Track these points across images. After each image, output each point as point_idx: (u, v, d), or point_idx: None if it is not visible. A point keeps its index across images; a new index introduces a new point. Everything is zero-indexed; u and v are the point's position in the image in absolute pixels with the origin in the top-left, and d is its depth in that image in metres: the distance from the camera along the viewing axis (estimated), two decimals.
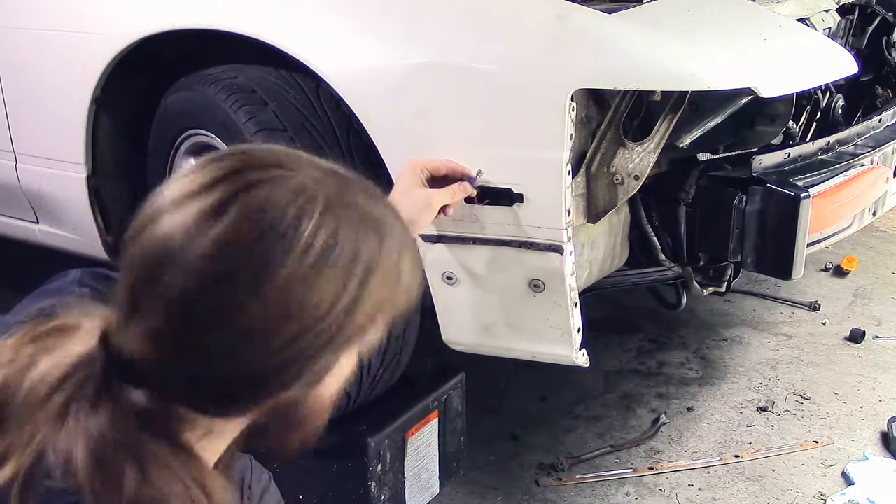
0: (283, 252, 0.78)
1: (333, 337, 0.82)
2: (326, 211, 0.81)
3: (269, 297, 0.78)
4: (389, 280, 0.86)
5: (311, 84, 1.74)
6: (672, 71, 1.44)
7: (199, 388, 0.81)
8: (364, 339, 0.88)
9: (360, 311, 0.83)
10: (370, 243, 0.83)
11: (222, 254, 0.77)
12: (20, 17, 2.15)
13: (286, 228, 0.78)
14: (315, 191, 0.82)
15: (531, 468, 2.22)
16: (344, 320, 0.82)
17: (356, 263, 0.82)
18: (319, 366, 0.85)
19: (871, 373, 2.64)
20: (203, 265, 0.77)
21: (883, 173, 1.93)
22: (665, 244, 1.78)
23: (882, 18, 2.36)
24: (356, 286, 0.82)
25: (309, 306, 0.79)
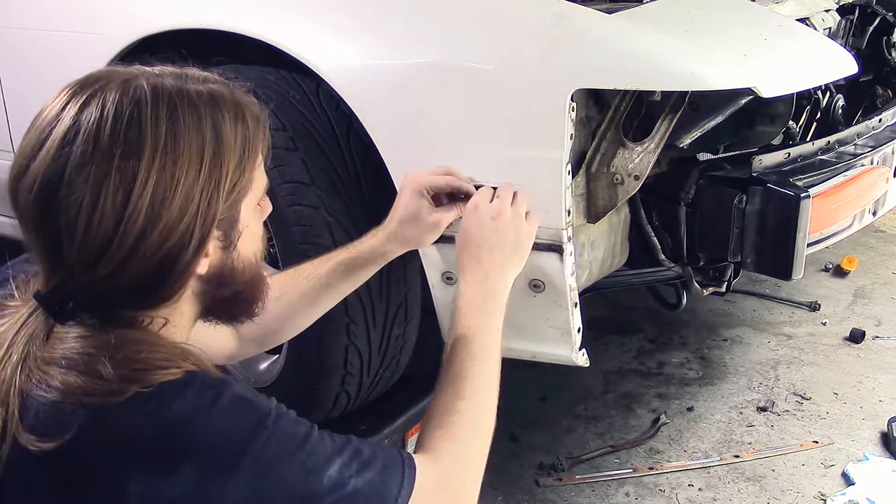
0: (139, 145, 0.90)
1: (215, 193, 0.94)
2: (156, 101, 0.94)
3: (144, 185, 0.89)
4: (239, 130, 0.97)
5: (311, 84, 1.74)
6: (672, 71, 1.44)
7: (126, 287, 0.92)
8: (249, 185, 1.00)
9: (226, 163, 0.95)
10: (207, 111, 0.96)
11: (93, 170, 0.89)
12: (20, 16, 2.15)
13: (130, 124, 0.90)
14: (139, 84, 0.95)
15: (531, 468, 2.22)
16: (216, 175, 0.94)
17: (204, 132, 0.94)
18: (224, 222, 0.97)
19: (871, 373, 2.64)
20: (81, 186, 0.89)
21: (883, 173, 1.93)
22: (665, 244, 1.78)
23: (882, 18, 2.36)
24: (213, 147, 0.94)
25: (181, 178, 0.91)
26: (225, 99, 0.99)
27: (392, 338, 1.81)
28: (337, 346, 1.72)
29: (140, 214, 0.89)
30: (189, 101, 0.95)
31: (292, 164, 1.69)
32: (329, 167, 1.71)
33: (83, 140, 0.90)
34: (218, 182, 0.94)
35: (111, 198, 0.89)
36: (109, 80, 0.95)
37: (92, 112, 0.91)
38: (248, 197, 1.00)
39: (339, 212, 1.70)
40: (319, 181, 1.69)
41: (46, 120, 0.94)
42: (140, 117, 0.91)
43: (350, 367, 1.77)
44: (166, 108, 0.93)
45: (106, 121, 0.90)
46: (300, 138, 1.70)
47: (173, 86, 0.97)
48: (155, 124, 0.91)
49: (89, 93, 0.93)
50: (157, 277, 0.93)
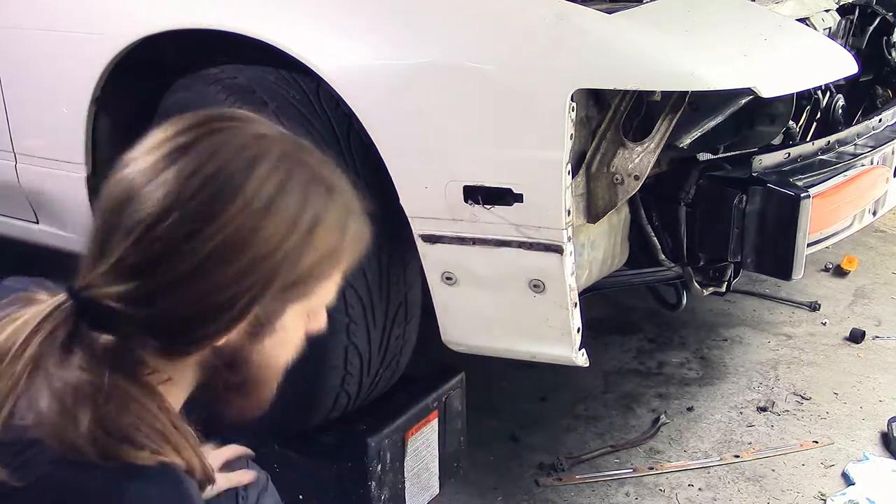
0: (235, 189, 0.86)
1: (278, 277, 0.89)
2: (280, 159, 0.90)
3: (220, 229, 0.85)
4: (335, 234, 0.93)
5: (311, 84, 1.74)
6: (672, 71, 1.44)
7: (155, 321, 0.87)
8: (310, 293, 0.94)
9: (304, 257, 0.90)
10: (319, 196, 0.91)
11: (179, 186, 0.85)
12: (20, 17, 2.15)
13: (241, 167, 0.87)
14: (272, 140, 0.91)
15: (531, 468, 2.22)
16: (289, 262, 0.89)
17: (305, 210, 0.89)
18: (265, 310, 0.91)
19: (871, 373, 2.64)
20: (161, 196, 0.85)
21: (883, 173, 1.93)
22: (665, 244, 1.78)
23: (882, 18, 2.36)
24: (303, 231, 0.89)
25: (257, 242, 0.86)
26: (339, 197, 0.95)
27: (392, 338, 1.81)
28: (337, 346, 1.73)
29: (193, 258, 0.85)
30: (307, 178, 0.91)
31: None
32: None
33: (184, 163, 0.86)
34: (287, 269, 0.89)
35: (176, 224, 0.85)
36: (240, 124, 0.92)
37: (206, 148, 0.87)
38: (301, 302, 0.94)
39: None
40: None
41: (161, 136, 0.90)
42: (253, 168, 0.87)
43: (350, 367, 1.77)
44: (283, 171, 0.89)
45: (216, 159, 0.87)
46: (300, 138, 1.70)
47: (300, 157, 0.93)
48: (262, 181, 0.87)
49: (213, 127, 0.90)
50: (186, 326, 0.88)
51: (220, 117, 0.92)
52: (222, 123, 0.90)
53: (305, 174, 0.92)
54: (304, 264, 0.90)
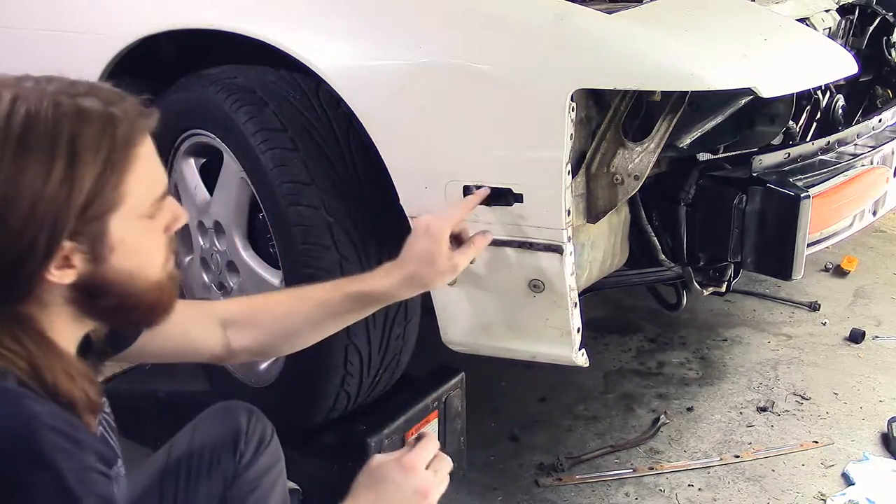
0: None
1: (63, 208, 0.93)
2: (16, 102, 0.94)
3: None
4: (102, 145, 0.95)
5: (311, 84, 1.74)
6: (672, 71, 1.44)
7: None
8: (118, 200, 0.97)
9: (81, 179, 0.94)
10: (67, 120, 0.95)
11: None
12: (20, 17, 2.15)
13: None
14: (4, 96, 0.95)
15: (531, 468, 2.22)
16: (66, 191, 0.93)
17: (57, 142, 0.93)
18: (86, 236, 0.96)
19: (871, 373, 2.64)
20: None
21: (883, 173, 1.93)
22: (665, 244, 1.78)
23: (882, 18, 2.36)
24: (64, 162, 0.93)
25: (22, 189, 0.91)
26: (92, 114, 0.97)
27: (392, 338, 1.81)
28: (337, 346, 1.73)
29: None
30: (49, 114, 0.94)
31: (292, 164, 1.69)
32: (329, 167, 1.71)
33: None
34: (69, 196, 0.93)
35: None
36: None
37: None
38: (118, 211, 0.98)
39: (339, 212, 1.70)
40: (319, 181, 1.69)
41: None
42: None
43: (350, 367, 1.77)
44: (21, 121, 0.93)
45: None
46: (300, 138, 1.70)
47: (37, 97, 0.96)
48: (3, 138, 0.92)
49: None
50: (4, 279, 0.94)
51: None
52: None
53: (46, 109, 0.94)
54: (86, 184, 0.94)
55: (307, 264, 1.71)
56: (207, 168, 1.95)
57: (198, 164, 1.97)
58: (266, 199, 1.74)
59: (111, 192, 0.96)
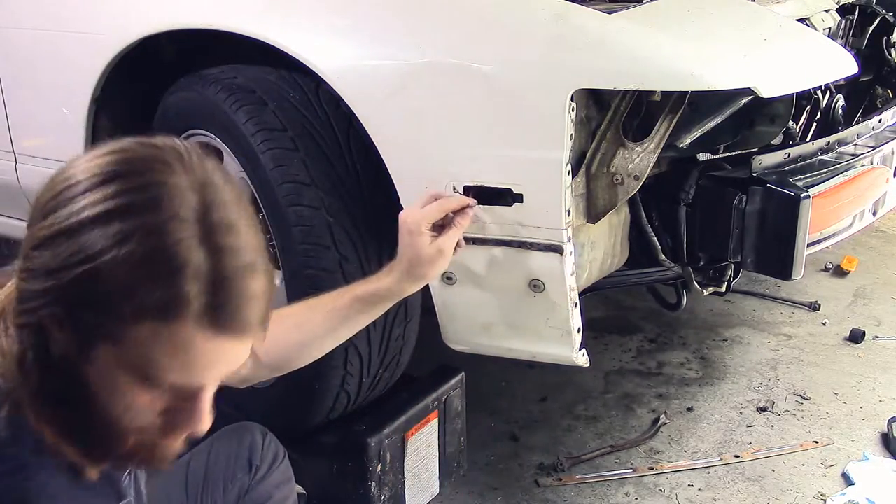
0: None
1: (76, 286, 0.86)
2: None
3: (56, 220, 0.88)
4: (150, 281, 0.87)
5: (311, 84, 1.74)
6: (672, 71, 1.44)
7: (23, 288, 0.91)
8: (118, 336, 0.88)
9: (108, 277, 0.86)
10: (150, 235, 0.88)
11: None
12: (20, 17, 2.15)
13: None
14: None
15: (531, 468, 2.22)
16: (91, 275, 0.86)
17: (131, 237, 0.86)
18: (82, 327, 0.89)
19: (871, 373, 2.64)
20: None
21: (883, 173, 1.93)
22: (665, 244, 1.78)
23: (882, 18, 2.36)
24: (150, 249, 0.86)
25: (77, 239, 0.86)
26: (208, 256, 0.88)
27: (392, 338, 1.81)
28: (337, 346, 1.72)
29: (41, 239, 0.89)
30: (176, 215, 0.88)
31: (293, 164, 1.69)
32: (329, 167, 1.71)
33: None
34: (86, 283, 0.86)
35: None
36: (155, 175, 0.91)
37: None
38: (116, 350, 0.88)
39: (339, 212, 1.70)
40: (320, 181, 1.69)
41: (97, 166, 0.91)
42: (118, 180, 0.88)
43: (350, 367, 1.77)
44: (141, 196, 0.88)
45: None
46: (300, 139, 1.70)
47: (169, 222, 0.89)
48: (115, 194, 0.88)
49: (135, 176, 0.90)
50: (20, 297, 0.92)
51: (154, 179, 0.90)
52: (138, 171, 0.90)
53: (186, 212, 0.88)
54: (101, 287, 0.86)
55: (307, 264, 1.71)
56: None
57: None
58: (266, 199, 1.74)
59: (113, 323, 0.88)
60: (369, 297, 1.43)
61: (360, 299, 1.42)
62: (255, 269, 0.92)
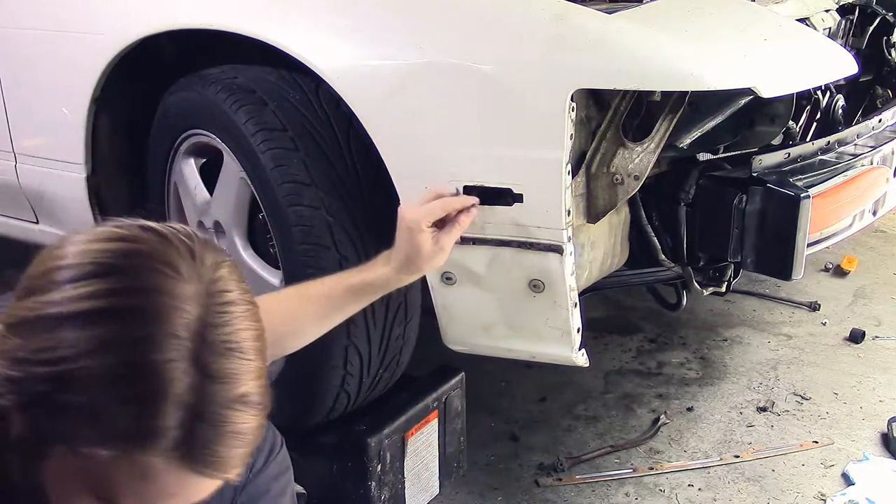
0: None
1: (35, 386, 0.77)
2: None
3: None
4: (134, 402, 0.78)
5: (311, 84, 1.74)
6: (672, 71, 1.44)
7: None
8: (82, 461, 0.78)
9: (62, 392, 0.77)
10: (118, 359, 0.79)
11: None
12: (20, 17, 2.15)
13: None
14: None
15: (531, 468, 2.22)
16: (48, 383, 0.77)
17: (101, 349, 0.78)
18: (32, 423, 0.79)
19: (871, 373, 2.64)
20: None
21: (883, 173, 1.92)
22: (665, 244, 1.78)
23: (882, 18, 2.36)
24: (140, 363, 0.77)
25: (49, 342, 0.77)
26: (193, 386, 0.79)
27: (392, 338, 1.81)
28: (337, 346, 1.73)
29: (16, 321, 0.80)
30: (169, 333, 0.78)
31: (292, 164, 1.69)
32: (329, 167, 1.71)
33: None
34: (42, 376, 0.77)
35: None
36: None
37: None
38: (72, 457, 0.78)
39: (339, 212, 1.70)
40: (320, 181, 1.69)
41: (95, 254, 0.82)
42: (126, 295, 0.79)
43: (350, 367, 1.77)
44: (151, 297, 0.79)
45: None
46: (300, 138, 1.70)
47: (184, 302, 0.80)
48: (109, 292, 0.78)
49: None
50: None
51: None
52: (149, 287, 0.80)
53: (181, 331, 0.79)
54: (70, 398, 0.76)
55: (307, 264, 1.71)
56: (208, 168, 1.95)
57: (198, 164, 1.97)
58: (266, 199, 1.74)
59: (75, 433, 0.77)
60: (364, 287, 1.43)
61: (354, 289, 1.42)
62: (248, 402, 0.83)
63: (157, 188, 2.05)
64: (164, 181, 2.03)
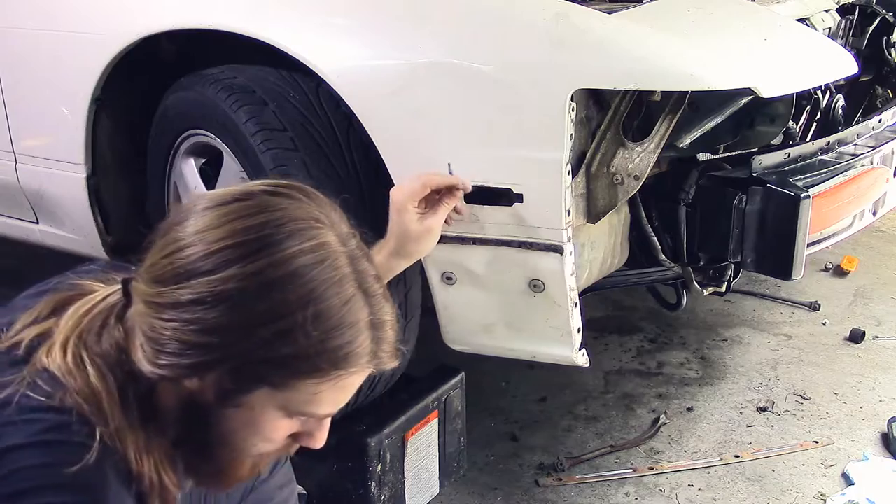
0: (272, 245, 0.91)
1: (257, 347, 0.90)
2: (324, 245, 0.94)
3: (240, 274, 0.90)
4: (337, 339, 0.92)
5: (311, 84, 1.74)
6: (672, 71, 1.44)
7: (150, 328, 0.93)
8: (285, 385, 0.93)
9: (291, 342, 0.90)
10: (346, 290, 0.94)
11: (226, 244, 0.91)
12: (20, 17, 2.15)
13: (290, 231, 0.93)
14: (327, 225, 0.96)
15: (531, 468, 2.22)
16: (275, 338, 0.90)
17: (321, 296, 0.91)
18: (236, 377, 0.92)
19: (871, 373, 2.64)
20: (210, 251, 0.91)
21: (883, 173, 1.93)
22: (665, 244, 1.78)
23: (882, 18, 2.36)
24: (306, 315, 0.90)
25: (260, 305, 0.90)
26: (372, 308, 0.95)
27: None
28: None
29: (213, 287, 0.90)
30: (345, 270, 0.94)
31: (292, 164, 1.69)
32: (329, 167, 1.71)
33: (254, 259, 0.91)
34: (268, 344, 0.90)
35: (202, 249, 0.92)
36: (311, 228, 0.95)
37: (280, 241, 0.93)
38: (273, 390, 0.93)
39: None
40: (320, 181, 1.69)
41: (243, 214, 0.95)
42: (297, 237, 0.92)
43: None
44: (322, 252, 0.93)
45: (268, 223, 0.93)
46: (300, 138, 1.70)
47: (335, 251, 0.95)
48: (301, 251, 0.92)
49: (287, 228, 0.94)
50: (167, 346, 0.93)
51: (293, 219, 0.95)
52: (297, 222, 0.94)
53: (345, 269, 0.94)
54: (288, 349, 0.91)
55: None
56: (207, 168, 1.95)
57: (198, 164, 1.97)
58: None
59: (292, 372, 0.93)
60: None
61: None
62: (388, 297, 0.99)
63: (157, 188, 2.05)
64: (164, 181, 2.03)
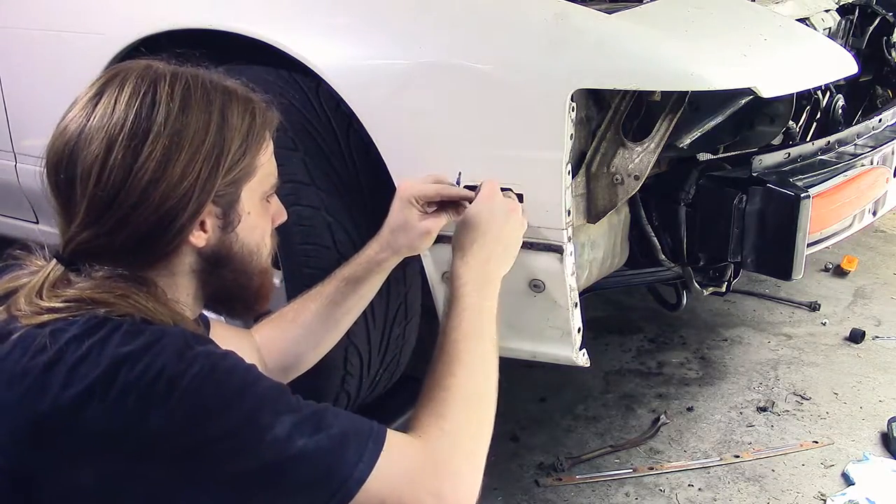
0: (153, 105, 1.01)
1: (216, 165, 1.03)
2: (175, 76, 1.05)
3: (155, 140, 1.00)
4: (245, 118, 1.08)
5: (311, 84, 1.74)
6: (672, 71, 1.44)
7: (131, 239, 1.01)
8: (251, 170, 1.09)
9: (229, 141, 1.05)
10: (218, 94, 1.06)
11: (109, 121, 1.01)
12: (20, 17, 2.15)
13: (147, 88, 1.02)
14: (162, 66, 1.06)
15: (531, 468, 2.22)
16: (218, 149, 1.04)
17: (212, 105, 1.04)
18: (223, 201, 1.06)
19: (871, 373, 2.64)
20: (99, 136, 1.00)
21: (883, 173, 1.93)
22: (665, 244, 1.78)
23: (882, 18, 2.36)
24: (217, 122, 1.04)
25: (187, 141, 1.01)
26: (237, 93, 1.09)
27: (392, 338, 1.81)
28: (337, 347, 1.72)
29: (146, 172, 0.99)
30: (203, 85, 1.06)
31: (292, 164, 1.69)
32: (329, 167, 1.71)
33: (104, 104, 1.01)
34: (219, 157, 1.03)
35: (122, 153, 0.99)
36: (134, 65, 1.07)
37: (115, 85, 1.03)
38: (250, 182, 1.09)
39: (339, 212, 1.70)
40: (319, 181, 1.69)
41: (82, 92, 1.06)
42: (157, 91, 1.02)
43: (350, 367, 1.77)
44: (181, 87, 1.03)
45: (126, 92, 1.02)
46: (300, 138, 1.70)
47: (191, 72, 1.07)
48: (169, 98, 1.02)
49: (115, 72, 1.06)
50: (153, 234, 1.01)
51: (116, 68, 1.08)
52: (118, 70, 1.06)
53: (199, 83, 1.06)
54: (233, 147, 1.05)
55: (307, 264, 1.71)
56: None
57: None
58: None
59: (249, 161, 1.08)
60: (352, 275, 1.45)
61: (344, 279, 1.45)
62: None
63: None
64: None
